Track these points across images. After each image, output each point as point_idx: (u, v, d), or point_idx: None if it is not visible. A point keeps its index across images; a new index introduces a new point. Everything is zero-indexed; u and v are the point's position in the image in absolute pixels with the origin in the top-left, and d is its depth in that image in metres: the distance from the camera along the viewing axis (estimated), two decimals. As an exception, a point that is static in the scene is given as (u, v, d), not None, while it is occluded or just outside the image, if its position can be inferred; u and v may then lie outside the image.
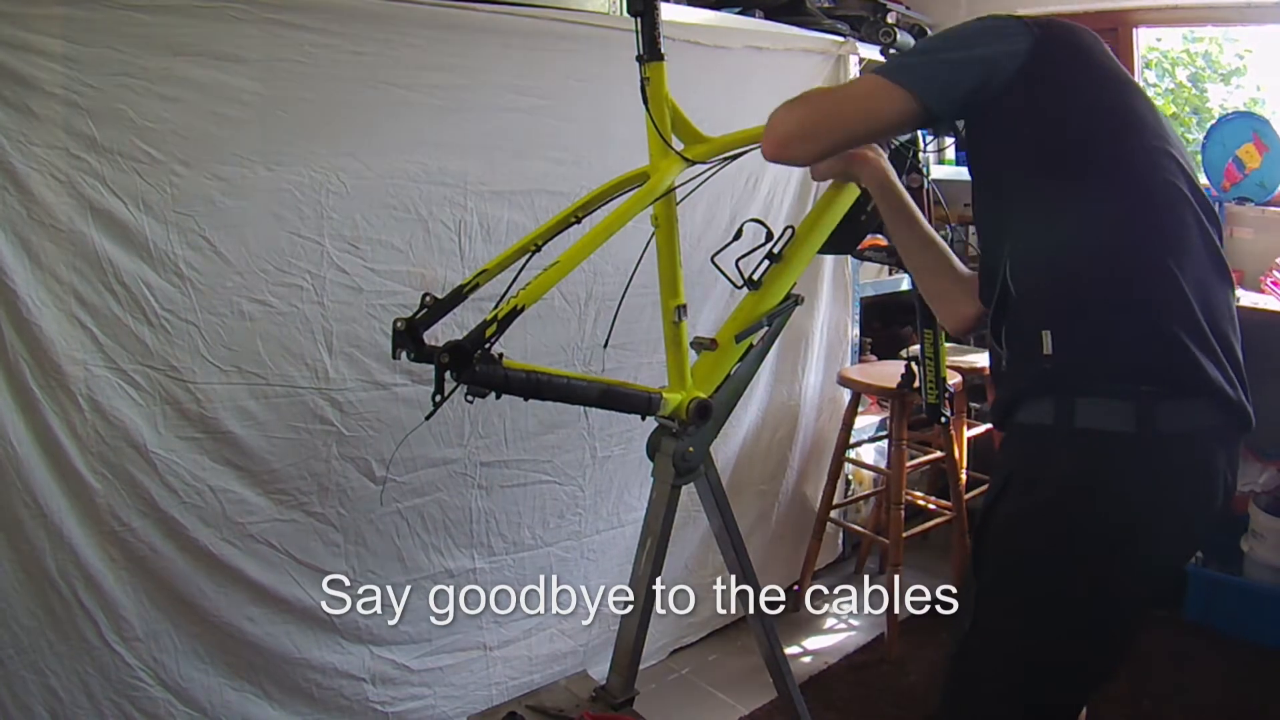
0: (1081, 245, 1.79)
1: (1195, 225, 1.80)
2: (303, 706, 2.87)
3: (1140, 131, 1.84)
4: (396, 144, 2.79)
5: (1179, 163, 1.84)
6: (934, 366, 2.98)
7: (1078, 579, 1.76)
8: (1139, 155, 1.83)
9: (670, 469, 2.42)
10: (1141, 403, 1.71)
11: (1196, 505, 1.80)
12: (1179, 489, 1.76)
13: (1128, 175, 1.82)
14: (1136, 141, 1.84)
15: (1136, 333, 1.75)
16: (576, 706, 2.54)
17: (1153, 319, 1.74)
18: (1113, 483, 1.74)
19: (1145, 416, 1.70)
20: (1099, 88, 1.88)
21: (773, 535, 4.27)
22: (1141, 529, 1.74)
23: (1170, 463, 1.74)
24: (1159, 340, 1.73)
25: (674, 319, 2.36)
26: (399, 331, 1.98)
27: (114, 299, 2.39)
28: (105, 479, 2.43)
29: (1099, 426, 1.73)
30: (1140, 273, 1.77)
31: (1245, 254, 4.37)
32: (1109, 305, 1.76)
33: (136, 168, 2.36)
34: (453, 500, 3.12)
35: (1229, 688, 3.62)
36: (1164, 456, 1.74)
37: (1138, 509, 1.73)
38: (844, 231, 2.66)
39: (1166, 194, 1.80)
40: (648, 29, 2.22)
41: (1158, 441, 1.72)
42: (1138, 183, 1.81)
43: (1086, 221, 1.79)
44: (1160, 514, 1.75)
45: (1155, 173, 1.81)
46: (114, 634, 2.49)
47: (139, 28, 2.32)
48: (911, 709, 3.55)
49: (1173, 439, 1.73)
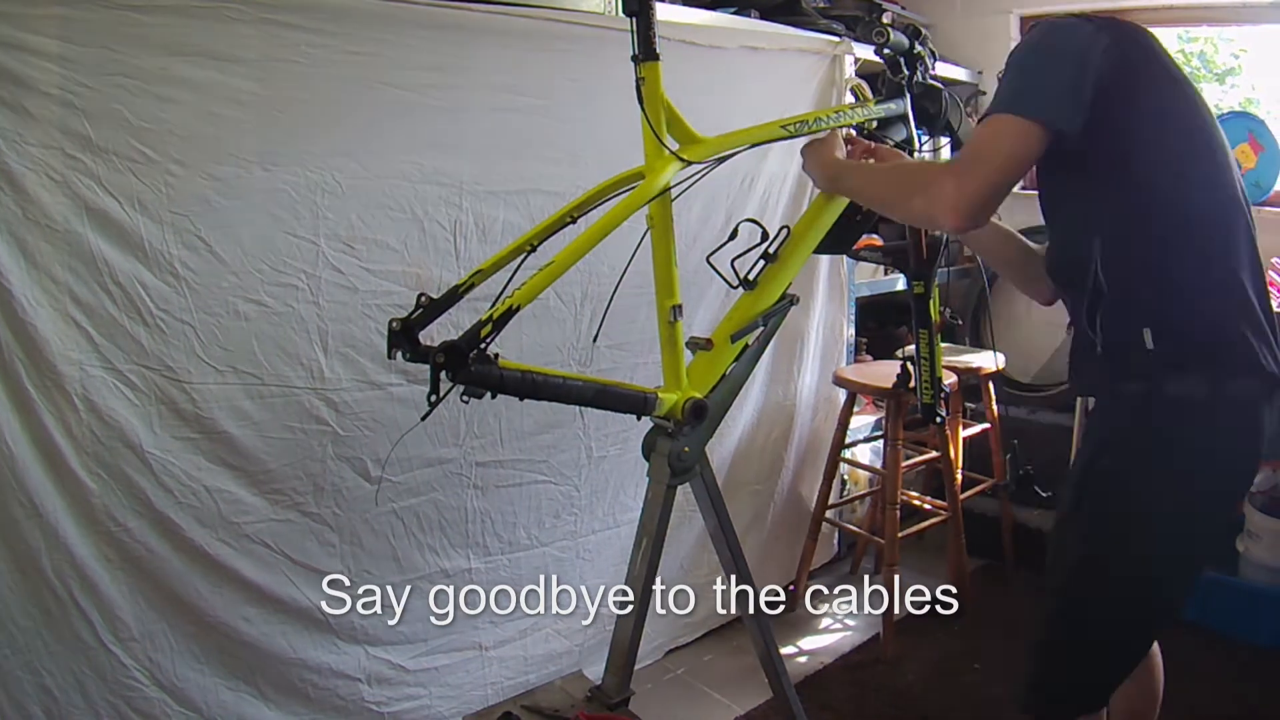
0: (1169, 250, 2.02)
1: (1247, 230, 2.07)
2: (298, 707, 2.87)
3: (1216, 148, 2.06)
4: (392, 144, 2.79)
5: (1236, 172, 2.09)
6: (929, 366, 2.98)
7: (1173, 501, 2.07)
8: (1216, 171, 2.05)
9: (666, 469, 2.41)
10: (1212, 379, 2.01)
11: (1248, 448, 2.10)
12: (1236, 433, 2.07)
13: (1208, 191, 2.04)
14: (1214, 157, 2.06)
15: (1214, 331, 2.03)
16: (572, 706, 2.52)
17: (1227, 319, 2.02)
18: (1193, 429, 2.04)
19: (1216, 386, 2.01)
20: (1180, 96, 2.05)
21: (768, 535, 4.27)
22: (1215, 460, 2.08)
23: (1232, 416, 2.05)
24: (1230, 336, 2.01)
25: (669, 319, 2.35)
26: (394, 331, 1.99)
27: (109, 299, 2.39)
28: (101, 479, 2.43)
29: (1181, 394, 2.01)
30: (1217, 281, 2.03)
31: (1240, 254, 4.39)
32: (1194, 308, 2.03)
33: (132, 168, 2.36)
34: (448, 500, 3.13)
35: (1225, 688, 3.63)
36: (1227, 413, 2.04)
37: (1211, 450, 2.06)
38: (840, 231, 2.67)
39: (1233, 208, 2.06)
40: (643, 29, 2.21)
41: (1223, 401, 2.02)
42: (1216, 197, 2.05)
43: (1173, 228, 2.01)
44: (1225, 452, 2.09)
45: (1226, 188, 2.06)
46: (110, 634, 2.49)
47: (135, 28, 2.32)
48: (907, 709, 3.56)
49: (1232, 401, 2.03)
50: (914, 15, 4.97)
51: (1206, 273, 2.02)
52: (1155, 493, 2.07)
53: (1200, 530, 2.16)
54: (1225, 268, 2.02)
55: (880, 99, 2.91)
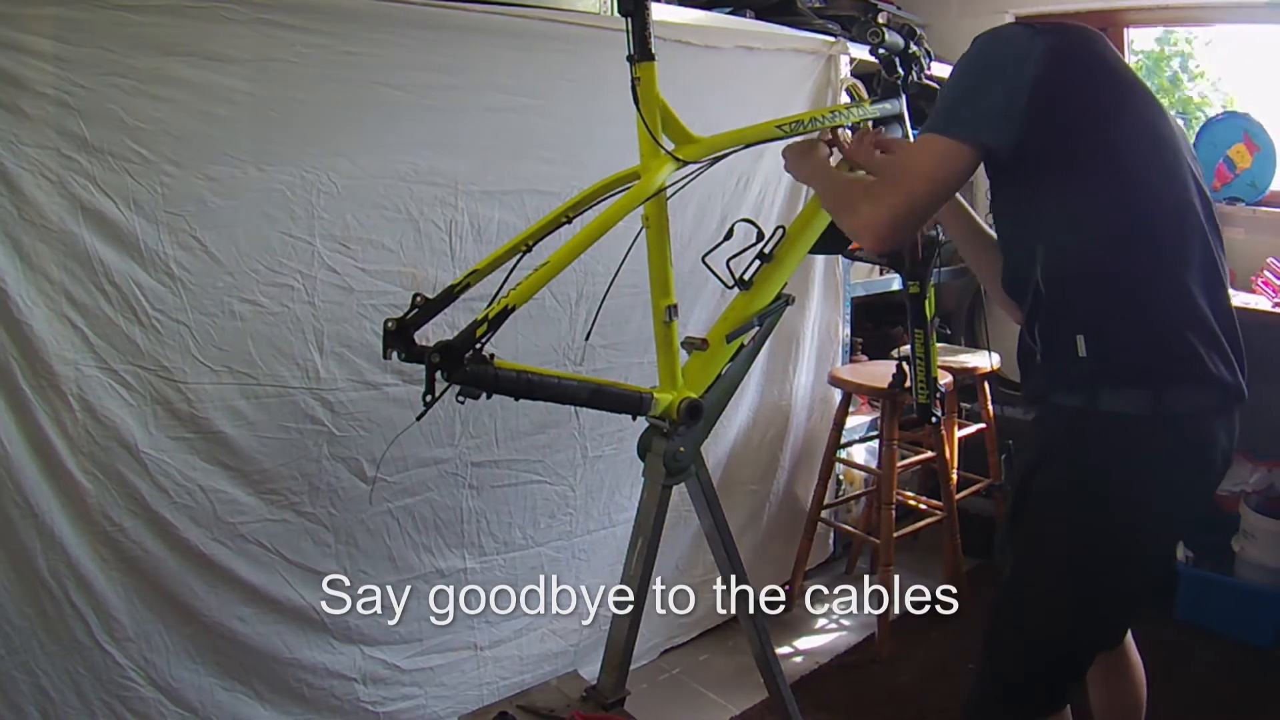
0: (1108, 256, 1.98)
1: (1200, 235, 2.02)
2: (294, 706, 2.87)
3: (1166, 152, 2.04)
4: (387, 144, 2.80)
5: (1192, 173, 2.05)
6: (925, 366, 2.99)
7: (1105, 531, 2.02)
8: (1164, 176, 2.02)
9: (661, 469, 2.42)
10: (1154, 390, 1.96)
11: (1198, 469, 2.08)
12: (1181, 457, 2.03)
13: (1155, 196, 2.01)
14: (1163, 161, 2.03)
15: (1154, 338, 1.98)
16: (567, 706, 2.53)
17: (1169, 326, 1.98)
18: (1131, 454, 1.99)
19: (1157, 400, 1.96)
20: (1128, 100, 2.04)
21: (764, 535, 4.28)
22: (1156, 491, 2.03)
23: (1176, 436, 2.00)
24: (1173, 343, 1.97)
25: (665, 319, 2.36)
26: (390, 331, 2.00)
27: (105, 299, 2.40)
28: (96, 479, 2.44)
29: (1119, 409, 1.98)
30: (1160, 286, 1.99)
31: (1236, 254, 4.35)
32: (1132, 315, 1.99)
33: (127, 168, 2.37)
34: (444, 500, 3.13)
35: (1220, 687, 3.65)
36: (1172, 429, 1.99)
37: (1152, 476, 2.02)
38: (835, 231, 2.66)
39: (1183, 211, 2.02)
40: (638, 29, 2.22)
41: (1166, 419, 1.97)
42: (1164, 201, 2.01)
43: (1113, 234, 1.98)
44: (1170, 479, 2.04)
45: (1177, 193, 2.02)
46: (105, 634, 2.49)
47: (130, 28, 2.33)
48: (903, 709, 3.57)
49: (1178, 418, 1.98)
50: (909, 15, 4.97)
51: (1149, 279, 1.99)
52: (1085, 521, 2.03)
53: (1135, 560, 2.10)
54: (1171, 274, 1.99)
55: (876, 99, 2.92)
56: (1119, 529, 2.02)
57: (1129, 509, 2.01)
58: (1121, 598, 2.21)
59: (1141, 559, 2.14)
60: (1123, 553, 2.05)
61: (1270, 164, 4.37)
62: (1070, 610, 2.09)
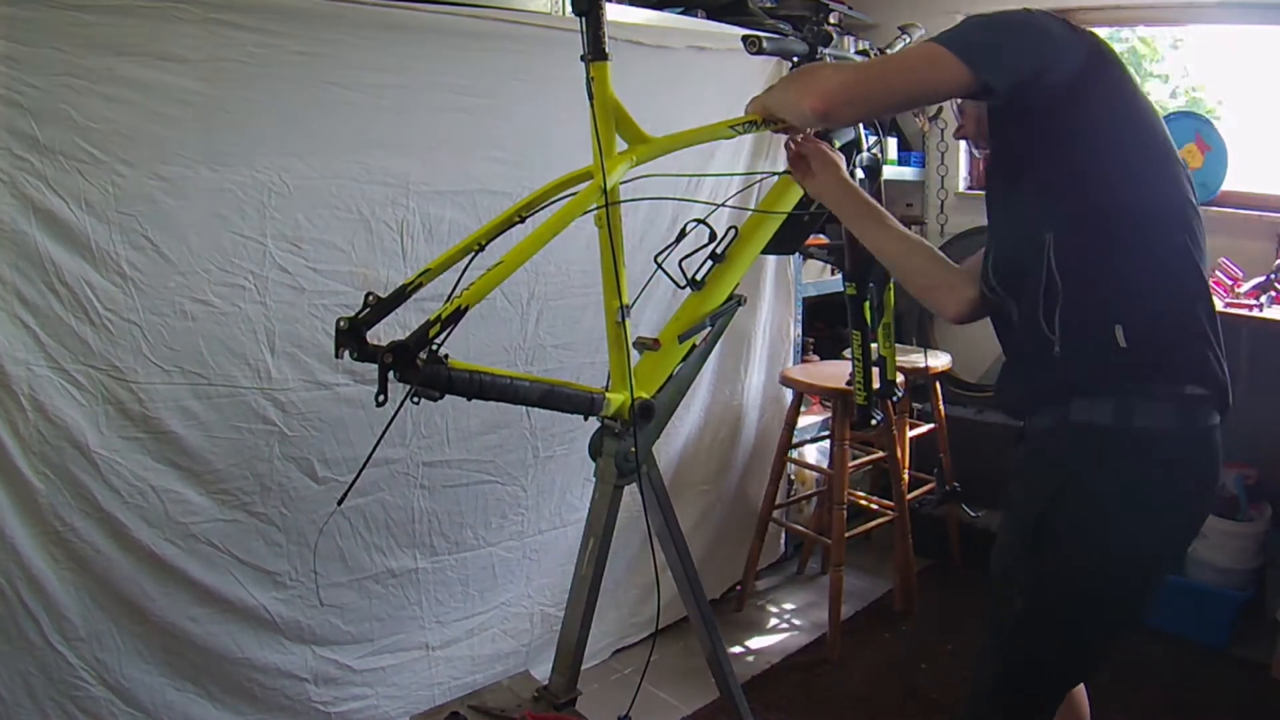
0: (1127, 251, 1.94)
1: (1201, 242, 2.01)
2: (245, 707, 2.91)
3: (1170, 159, 2.01)
4: (339, 144, 2.84)
5: (1190, 181, 2.03)
6: (863, 368, 3.03)
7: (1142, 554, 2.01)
8: (1171, 183, 1.99)
9: (613, 469, 2.45)
10: (1185, 406, 1.95)
11: (1214, 476, 2.06)
12: (1206, 467, 2.02)
13: (1166, 204, 1.98)
14: (1169, 170, 2.00)
15: (1191, 350, 1.97)
16: (519, 706, 2.54)
17: (1197, 335, 1.97)
18: (1169, 469, 1.97)
19: (1188, 417, 1.95)
20: (1144, 110, 2.00)
21: (715, 535, 4.35)
22: (1188, 507, 2.06)
23: (1201, 449, 2.00)
24: (1202, 353, 1.97)
25: (617, 319, 2.36)
26: (342, 331, 1.99)
27: (56, 299, 2.43)
28: (48, 479, 2.47)
29: (1152, 425, 1.94)
30: (1189, 294, 1.98)
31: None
32: (1168, 318, 1.97)
33: (79, 168, 2.40)
34: (395, 500, 3.18)
35: (1172, 687, 3.74)
36: (1198, 447, 1.99)
37: (1186, 489, 2.02)
38: (787, 231, 2.72)
39: (1190, 211, 2.00)
40: (593, 28, 2.24)
41: (1195, 435, 1.97)
42: (1173, 199, 1.99)
43: (1134, 229, 1.95)
44: (1198, 492, 2.05)
45: (1182, 192, 2.00)
46: (56, 634, 2.52)
47: (81, 28, 2.35)
48: (854, 709, 3.64)
49: (1202, 432, 1.98)
50: (860, 15, 5.06)
51: (1179, 272, 1.97)
52: (1124, 547, 1.98)
53: (1157, 579, 2.13)
54: (1197, 293, 1.99)
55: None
56: (1151, 552, 2.02)
57: (1166, 529, 2.02)
58: (1137, 618, 2.18)
59: (1162, 576, 2.20)
60: (1151, 575, 2.09)
61: (1222, 164, 4.46)
62: (1094, 640, 2.10)
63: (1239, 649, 3.99)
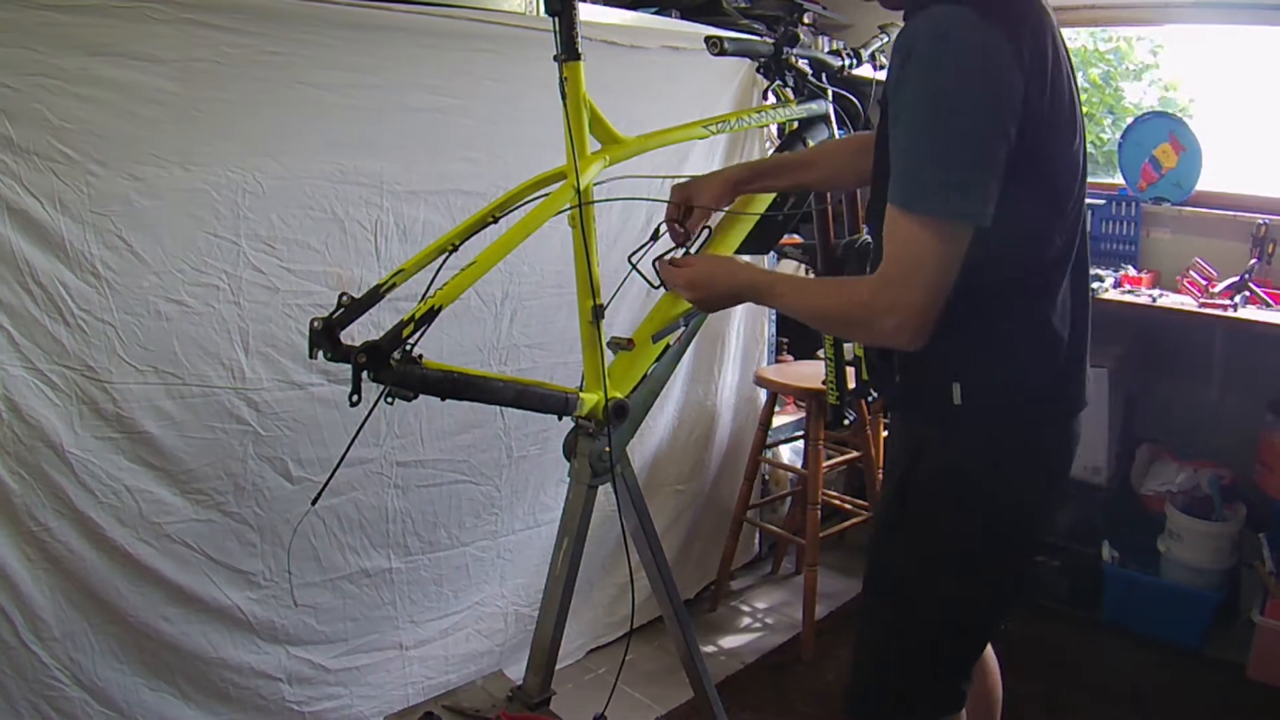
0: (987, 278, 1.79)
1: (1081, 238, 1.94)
2: (219, 706, 2.93)
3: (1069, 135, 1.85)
4: (313, 144, 2.85)
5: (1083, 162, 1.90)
6: (834, 368, 3.06)
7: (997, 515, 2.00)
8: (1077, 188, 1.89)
9: (587, 469, 2.49)
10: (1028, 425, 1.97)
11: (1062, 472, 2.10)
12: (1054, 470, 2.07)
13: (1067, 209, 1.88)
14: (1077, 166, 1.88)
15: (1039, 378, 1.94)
16: (493, 706, 2.58)
17: (1051, 359, 1.93)
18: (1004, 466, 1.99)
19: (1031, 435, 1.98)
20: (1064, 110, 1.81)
21: (689, 535, 4.39)
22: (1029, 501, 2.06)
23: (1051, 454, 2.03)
24: (1057, 378, 1.96)
25: (590, 319, 2.40)
26: (316, 331, 2.00)
27: (30, 299, 2.43)
28: (22, 479, 2.48)
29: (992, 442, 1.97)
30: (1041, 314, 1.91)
31: (1162, 254, 4.55)
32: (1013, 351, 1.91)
33: (53, 168, 2.40)
34: (369, 500, 3.20)
35: (1145, 687, 3.80)
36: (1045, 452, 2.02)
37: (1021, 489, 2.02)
38: (761, 231, 2.76)
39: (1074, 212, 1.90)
40: (566, 28, 2.25)
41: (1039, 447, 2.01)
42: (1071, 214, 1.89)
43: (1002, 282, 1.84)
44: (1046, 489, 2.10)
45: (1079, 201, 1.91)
46: (30, 634, 2.53)
47: (55, 28, 2.36)
48: (828, 709, 3.67)
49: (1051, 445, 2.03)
50: (835, 15, 5.10)
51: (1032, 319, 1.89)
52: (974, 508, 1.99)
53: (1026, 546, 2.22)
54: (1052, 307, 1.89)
55: (802, 100, 3.01)
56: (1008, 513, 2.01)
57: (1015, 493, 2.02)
58: (1014, 586, 2.22)
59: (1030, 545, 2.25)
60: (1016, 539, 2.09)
61: (1196, 164, 4.49)
62: (972, 603, 2.09)
63: (1214, 649, 4.04)
